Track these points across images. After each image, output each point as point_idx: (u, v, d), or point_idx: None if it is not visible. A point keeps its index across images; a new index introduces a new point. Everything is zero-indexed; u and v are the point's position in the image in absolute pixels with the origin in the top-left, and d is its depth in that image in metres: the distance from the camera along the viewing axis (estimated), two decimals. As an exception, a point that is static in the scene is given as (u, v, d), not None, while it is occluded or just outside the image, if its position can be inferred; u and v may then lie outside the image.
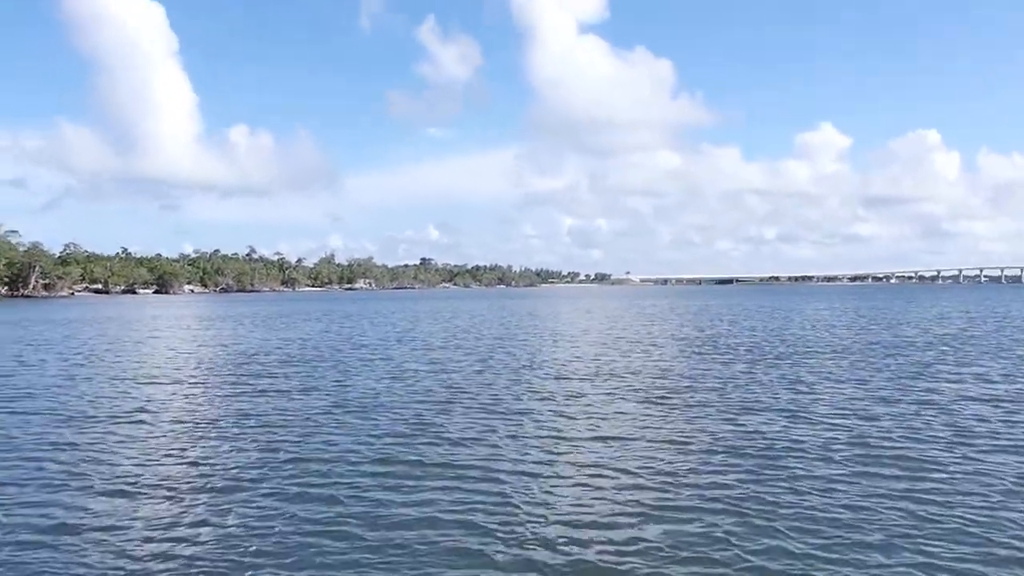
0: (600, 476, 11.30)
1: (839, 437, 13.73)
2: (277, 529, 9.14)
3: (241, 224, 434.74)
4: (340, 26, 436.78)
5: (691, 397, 18.40)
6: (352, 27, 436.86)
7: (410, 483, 10.99)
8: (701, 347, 31.35)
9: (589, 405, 17.49)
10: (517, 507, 9.86)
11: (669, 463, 11.99)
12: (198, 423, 15.78)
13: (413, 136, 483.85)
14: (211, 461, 12.44)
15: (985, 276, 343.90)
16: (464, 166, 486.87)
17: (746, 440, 13.58)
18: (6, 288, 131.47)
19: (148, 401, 18.66)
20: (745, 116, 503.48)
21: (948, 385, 19.97)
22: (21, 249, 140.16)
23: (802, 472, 11.37)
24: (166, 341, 38.56)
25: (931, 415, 15.76)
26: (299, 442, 13.78)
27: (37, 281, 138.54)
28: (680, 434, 14.17)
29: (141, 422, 15.94)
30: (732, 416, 15.89)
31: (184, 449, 13.38)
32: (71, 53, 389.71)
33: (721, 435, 14.00)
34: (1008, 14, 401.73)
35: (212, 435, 14.51)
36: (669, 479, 11.08)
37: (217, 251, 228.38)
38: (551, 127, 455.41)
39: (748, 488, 10.56)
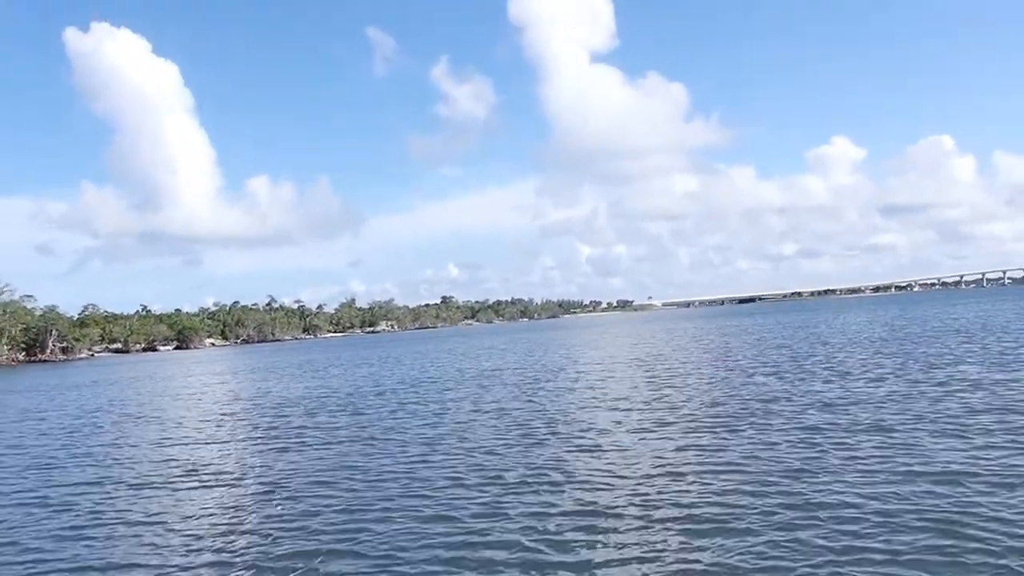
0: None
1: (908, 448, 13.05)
2: None
3: (262, 273, 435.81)
4: (354, 71, 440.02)
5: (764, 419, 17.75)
6: (366, 72, 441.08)
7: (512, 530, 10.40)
8: (749, 367, 30.61)
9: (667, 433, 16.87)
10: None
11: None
12: (266, 482, 15.26)
13: (430, 176, 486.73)
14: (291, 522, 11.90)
15: (1009, 278, 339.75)
16: (481, 202, 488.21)
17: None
18: (23, 354, 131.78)
19: (220, 457, 18.19)
20: (759, 134, 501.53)
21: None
22: (37, 313, 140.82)
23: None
24: (197, 398, 38.16)
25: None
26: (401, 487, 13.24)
27: (54, 345, 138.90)
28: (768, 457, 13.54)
29: (211, 484, 15.46)
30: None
31: (254, 511, 12.87)
32: (89, 117, 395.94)
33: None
34: (1012, 13, 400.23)
35: (297, 492, 13.98)
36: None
37: (237, 303, 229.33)
38: (567, 158, 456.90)
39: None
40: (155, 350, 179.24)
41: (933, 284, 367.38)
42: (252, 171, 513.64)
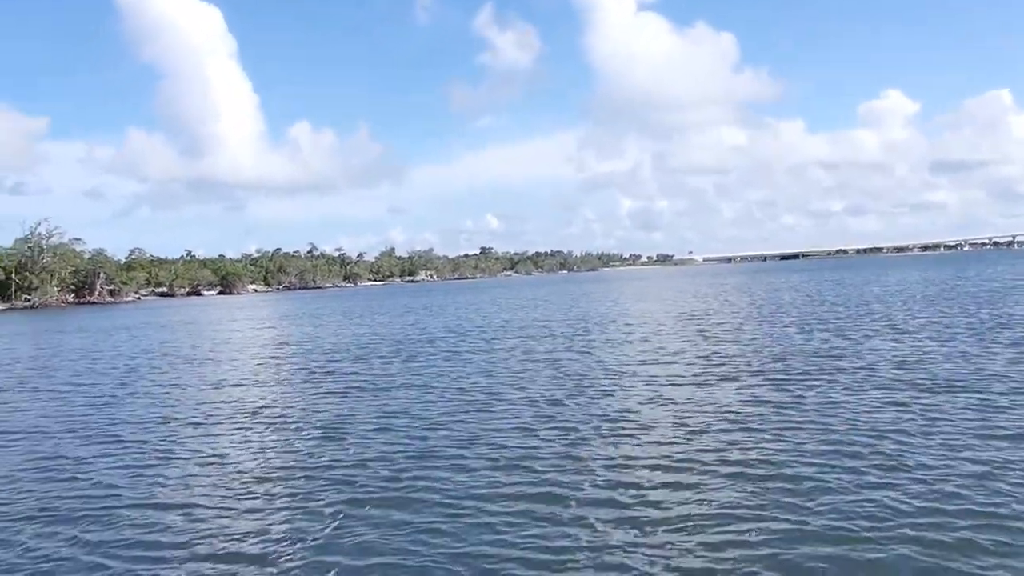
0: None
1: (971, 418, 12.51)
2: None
3: (303, 221, 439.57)
4: (396, 21, 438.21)
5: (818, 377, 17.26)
6: (408, 21, 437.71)
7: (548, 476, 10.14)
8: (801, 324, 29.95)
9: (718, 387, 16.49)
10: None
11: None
12: (329, 425, 15.18)
13: (472, 126, 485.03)
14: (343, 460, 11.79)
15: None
16: (523, 153, 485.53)
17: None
18: (73, 295, 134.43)
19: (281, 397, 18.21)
20: (809, 88, 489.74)
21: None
22: (86, 256, 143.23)
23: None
24: (249, 341, 38.50)
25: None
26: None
27: (103, 287, 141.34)
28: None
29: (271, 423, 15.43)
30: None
31: (314, 450, 12.78)
32: (137, 63, 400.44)
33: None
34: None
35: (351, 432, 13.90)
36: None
37: (279, 250, 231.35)
38: (611, 109, 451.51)
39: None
40: (199, 295, 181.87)
41: (984, 244, 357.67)
42: (294, 118, 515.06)
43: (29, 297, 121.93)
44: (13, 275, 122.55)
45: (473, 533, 8.47)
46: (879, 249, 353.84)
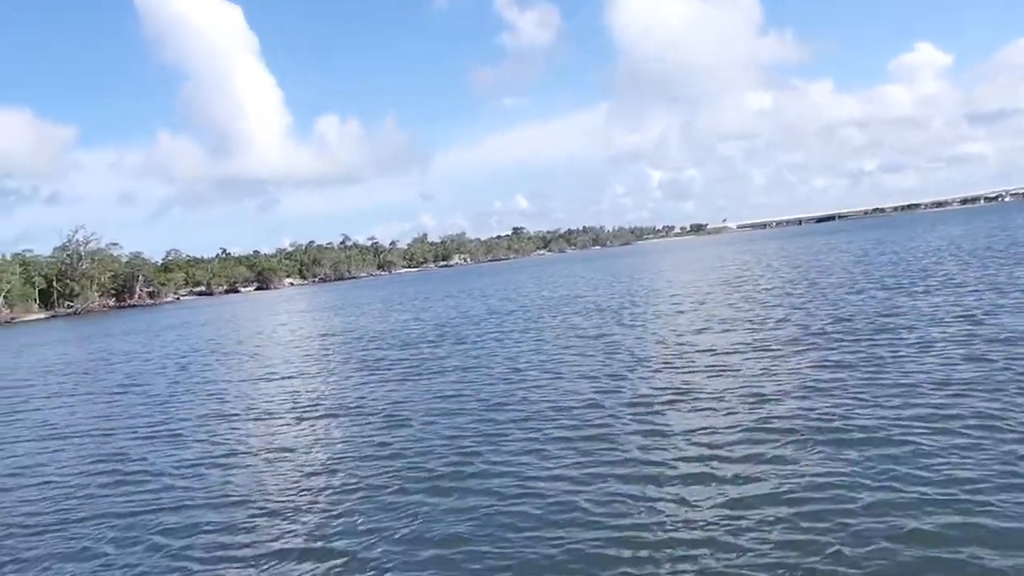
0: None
1: None
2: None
3: (334, 212, 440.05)
4: (415, 5, 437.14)
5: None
6: (428, 4, 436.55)
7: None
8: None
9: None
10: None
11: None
12: (390, 413, 15.00)
13: (495, 107, 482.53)
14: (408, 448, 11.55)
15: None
16: (549, 131, 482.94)
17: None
18: (113, 300, 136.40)
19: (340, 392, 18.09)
20: (836, 47, 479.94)
21: None
22: (123, 260, 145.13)
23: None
24: (293, 334, 38.58)
25: None
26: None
27: (142, 290, 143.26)
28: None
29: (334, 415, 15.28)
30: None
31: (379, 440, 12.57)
32: (160, 65, 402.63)
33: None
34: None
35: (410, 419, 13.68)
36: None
37: (312, 242, 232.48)
38: (635, 81, 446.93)
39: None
40: (236, 291, 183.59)
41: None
42: (319, 110, 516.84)
43: (71, 304, 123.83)
44: (55, 283, 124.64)
45: (560, 512, 8.18)
46: (917, 205, 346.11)
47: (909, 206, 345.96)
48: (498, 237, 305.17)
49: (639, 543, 7.27)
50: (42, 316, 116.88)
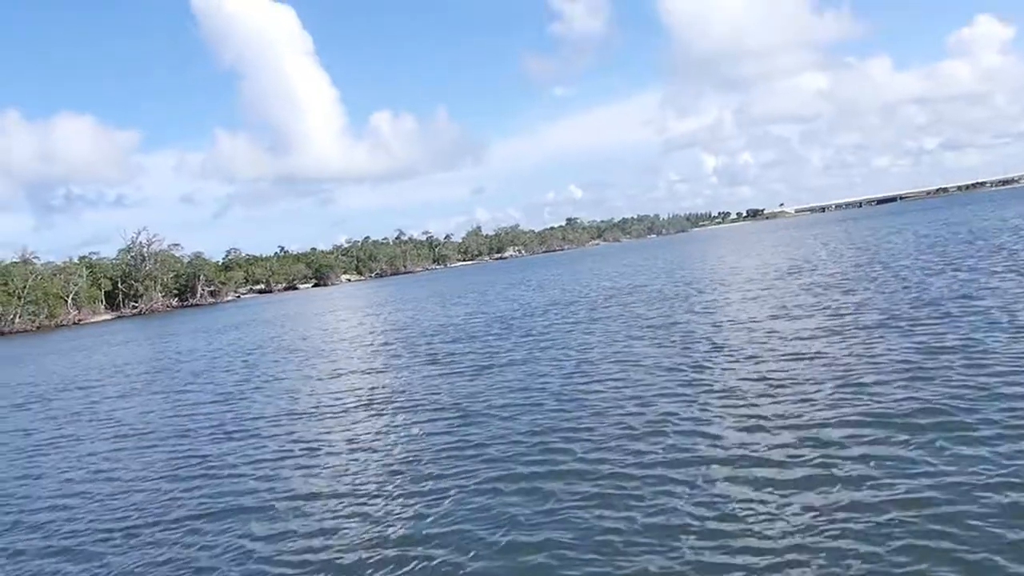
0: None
1: None
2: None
3: (390, 208, 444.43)
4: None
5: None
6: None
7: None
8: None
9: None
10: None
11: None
12: (468, 408, 14.69)
13: (546, 97, 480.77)
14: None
15: None
16: (601, 119, 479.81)
17: None
18: (176, 299, 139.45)
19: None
20: (893, 23, 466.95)
21: None
22: (185, 260, 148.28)
23: None
24: (356, 330, 38.67)
25: None
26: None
27: (203, 289, 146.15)
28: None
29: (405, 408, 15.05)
30: None
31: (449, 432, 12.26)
32: (217, 66, 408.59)
33: None
34: None
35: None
36: None
37: (368, 238, 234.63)
38: (688, 66, 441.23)
39: None
40: (295, 288, 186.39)
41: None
42: (373, 107, 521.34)
43: (136, 304, 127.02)
44: (119, 284, 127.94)
45: (665, 517, 7.71)
46: (982, 184, 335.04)
47: (974, 185, 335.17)
48: (552, 228, 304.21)
49: (760, 551, 6.75)
50: (108, 317, 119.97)
